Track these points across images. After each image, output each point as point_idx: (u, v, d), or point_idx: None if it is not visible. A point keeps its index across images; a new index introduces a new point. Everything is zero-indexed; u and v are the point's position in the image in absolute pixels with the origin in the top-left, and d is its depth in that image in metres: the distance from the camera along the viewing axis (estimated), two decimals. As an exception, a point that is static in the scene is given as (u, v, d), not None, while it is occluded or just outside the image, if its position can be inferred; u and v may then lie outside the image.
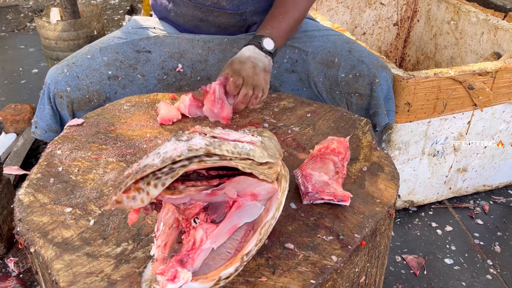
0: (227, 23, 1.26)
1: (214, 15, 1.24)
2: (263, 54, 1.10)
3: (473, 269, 1.42)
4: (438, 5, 2.07)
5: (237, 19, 1.26)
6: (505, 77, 1.45)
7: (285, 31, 1.17)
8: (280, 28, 1.15)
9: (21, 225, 0.72)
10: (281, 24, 1.16)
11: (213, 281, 0.56)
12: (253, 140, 0.64)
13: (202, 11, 1.24)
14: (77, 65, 1.15)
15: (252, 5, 1.24)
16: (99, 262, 0.65)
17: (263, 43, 1.11)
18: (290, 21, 1.17)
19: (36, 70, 2.76)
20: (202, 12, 1.24)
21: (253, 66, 1.06)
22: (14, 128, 1.99)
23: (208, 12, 1.24)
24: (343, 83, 1.22)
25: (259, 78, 1.06)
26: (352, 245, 0.68)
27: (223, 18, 1.25)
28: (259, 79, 1.06)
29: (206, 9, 1.23)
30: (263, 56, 1.10)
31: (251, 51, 1.10)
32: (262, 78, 1.07)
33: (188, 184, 0.58)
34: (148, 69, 1.21)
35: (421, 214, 1.63)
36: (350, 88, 1.21)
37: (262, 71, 1.07)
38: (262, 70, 1.07)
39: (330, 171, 0.79)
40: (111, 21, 3.58)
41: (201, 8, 1.23)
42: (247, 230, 0.64)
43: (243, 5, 1.23)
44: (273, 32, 1.14)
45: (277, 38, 1.14)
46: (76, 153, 0.90)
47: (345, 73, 1.21)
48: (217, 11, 1.23)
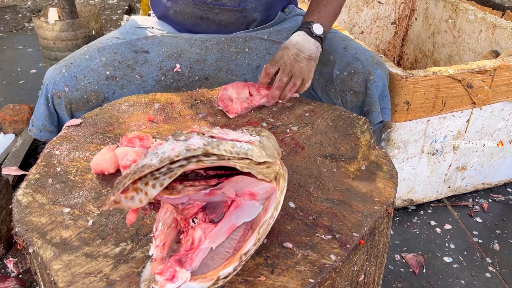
0: (227, 20, 1.26)
1: (215, 12, 1.24)
2: (312, 41, 1.11)
3: (472, 267, 1.42)
4: (435, 4, 2.07)
5: (237, 16, 1.25)
6: (504, 75, 1.45)
7: (332, 15, 1.19)
8: (327, 12, 1.17)
9: (19, 226, 0.72)
10: (328, 8, 1.18)
11: (211, 281, 0.56)
12: (251, 140, 0.64)
13: (202, 9, 1.23)
14: (75, 66, 1.15)
15: (253, 2, 1.24)
16: (98, 262, 0.65)
17: (313, 28, 1.12)
18: (335, 4, 1.19)
19: (35, 70, 2.76)
20: (202, 10, 1.24)
21: (296, 53, 1.06)
22: (13, 128, 1.99)
23: (209, 10, 1.23)
24: (338, 81, 1.21)
25: (300, 66, 1.05)
26: (350, 244, 0.68)
27: (224, 15, 1.25)
28: (300, 67, 1.05)
29: (207, 6, 1.22)
30: (312, 42, 1.10)
31: (300, 36, 1.11)
32: (304, 66, 1.06)
33: (186, 184, 0.58)
34: (146, 70, 1.21)
35: (420, 213, 1.64)
36: (344, 86, 1.21)
37: (305, 59, 1.07)
38: (306, 57, 1.07)
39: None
40: (109, 21, 3.58)
41: (201, 6, 1.23)
42: (245, 229, 0.64)
43: (244, 1, 1.22)
44: (321, 17, 1.16)
45: (325, 22, 1.15)
46: (74, 153, 0.90)
47: (340, 71, 1.21)
48: (218, 8, 1.23)
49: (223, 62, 1.26)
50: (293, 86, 1.04)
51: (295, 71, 1.04)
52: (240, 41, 1.27)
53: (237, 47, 1.27)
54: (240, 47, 1.27)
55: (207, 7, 1.22)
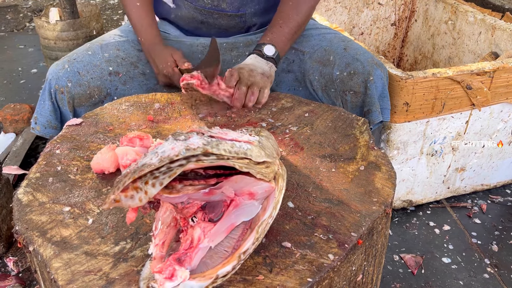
0: (227, 25, 1.27)
1: (214, 17, 1.25)
2: (264, 62, 1.13)
3: (471, 268, 1.42)
4: (435, 5, 2.08)
5: (237, 21, 1.26)
6: (503, 76, 1.45)
7: (287, 35, 1.19)
8: (281, 33, 1.18)
9: (20, 224, 0.72)
10: (283, 29, 1.18)
11: (210, 279, 0.57)
12: (251, 140, 0.65)
13: (202, 14, 1.25)
14: (78, 61, 1.16)
15: (252, 7, 1.25)
16: (98, 260, 0.66)
17: (263, 50, 1.14)
18: (292, 25, 1.19)
19: (35, 70, 2.76)
20: (202, 15, 1.25)
21: (250, 69, 1.09)
22: (13, 128, 1.99)
23: (208, 15, 1.25)
24: (338, 81, 1.22)
25: (255, 79, 1.08)
26: (349, 243, 0.69)
27: (223, 20, 1.26)
28: (255, 79, 1.08)
29: (206, 11, 1.24)
30: (264, 63, 1.13)
31: (252, 59, 1.13)
32: (259, 78, 1.09)
33: (186, 183, 0.59)
34: (149, 69, 1.22)
35: (419, 214, 1.64)
36: (344, 86, 1.21)
37: (260, 74, 1.10)
38: (260, 73, 1.10)
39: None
40: (110, 21, 3.58)
41: (202, 11, 1.24)
42: (244, 228, 0.64)
43: (243, 7, 1.24)
44: (274, 38, 1.17)
45: (279, 43, 1.16)
46: (74, 152, 0.90)
47: (340, 71, 1.21)
48: (217, 13, 1.24)
49: (224, 66, 1.27)
50: (251, 94, 1.07)
51: (251, 82, 1.08)
52: (241, 46, 1.29)
53: (238, 51, 1.29)
54: (241, 51, 1.29)
55: (207, 12, 1.24)
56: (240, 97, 1.06)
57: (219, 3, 1.22)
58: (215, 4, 1.22)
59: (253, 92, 1.06)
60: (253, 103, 1.08)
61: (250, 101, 1.07)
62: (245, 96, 1.06)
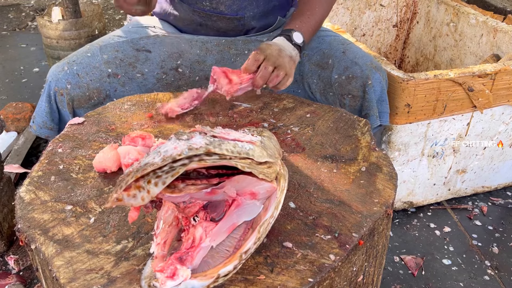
0: (226, 27, 1.27)
1: (213, 20, 1.25)
2: (292, 47, 1.11)
3: (471, 270, 1.42)
4: (437, 7, 2.08)
5: (235, 24, 1.27)
6: (504, 79, 1.45)
7: (313, 27, 1.19)
8: (308, 24, 1.17)
9: (22, 222, 0.72)
10: (310, 20, 1.18)
11: (212, 279, 0.57)
12: (253, 140, 0.65)
13: (201, 16, 1.25)
14: (77, 63, 1.16)
15: (251, 10, 1.25)
16: (99, 259, 0.66)
17: (293, 36, 1.13)
18: (317, 18, 1.19)
19: (37, 69, 2.77)
20: (201, 17, 1.25)
21: (279, 49, 1.07)
22: (15, 126, 1.99)
23: (207, 17, 1.25)
24: (336, 85, 1.22)
25: (283, 60, 1.06)
26: (350, 244, 0.69)
27: (222, 23, 1.26)
28: (283, 61, 1.06)
29: (205, 14, 1.24)
30: (291, 48, 1.11)
31: (280, 41, 1.11)
32: (287, 62, 1.07)
33: (188, 182, 0.59)
34: (147, 68, 1.22)
35: (420, 215, 1.64)
36: (343, 90, 1.21)
37: (288, 56, 1.08)
38: (288, 55, 1.08)
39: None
40: (112, 21, 3.59)
41: (200, 13, 1.24)
42: (246, 228, 0.65)
43: (241, 10, 1.24)
44: (302, 27, 1.16)
45: (305, 33, 1.16)
46: (77, 151, 0.90)
47: (338, 75, 1.21)
48: (216, 16, 1.24)
49: (222, 64, 1.27)
50: (276, 77, 1.05)
51: (279, 63, 1.05)
52: (240, 44, 1.29)
53: (237, 49, 1.28)
54: (240, 49, 1.28)
55: (205, 14, 1.24)
56: (265, 76, 1.04)
57: (218, 6, 1.22)
58: (214, 7, 1.22)
59: (278, 75, 1.05)
60: (274, 84, 1.06)
61: (272, 82, 1.05)
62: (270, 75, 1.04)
